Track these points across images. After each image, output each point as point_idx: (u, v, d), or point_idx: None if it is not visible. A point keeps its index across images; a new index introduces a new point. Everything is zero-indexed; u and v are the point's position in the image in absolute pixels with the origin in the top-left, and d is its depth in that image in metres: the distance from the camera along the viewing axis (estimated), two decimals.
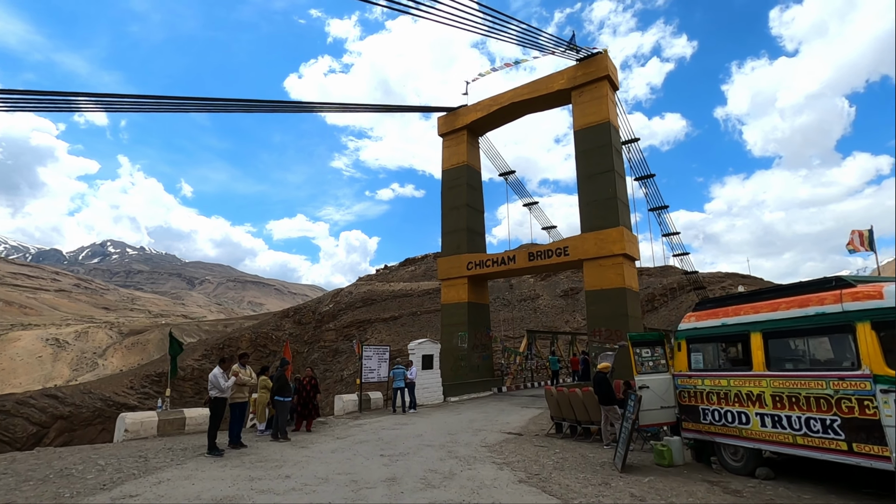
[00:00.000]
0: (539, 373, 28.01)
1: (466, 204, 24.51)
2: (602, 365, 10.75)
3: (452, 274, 23.94)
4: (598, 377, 10.60)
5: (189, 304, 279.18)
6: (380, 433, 12.24)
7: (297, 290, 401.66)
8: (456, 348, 22.88)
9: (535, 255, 21.51)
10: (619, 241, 19.17)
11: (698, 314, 8.55)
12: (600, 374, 10.62)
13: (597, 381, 10.59)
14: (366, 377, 16.95)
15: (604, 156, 20.41)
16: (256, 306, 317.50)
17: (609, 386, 10.36)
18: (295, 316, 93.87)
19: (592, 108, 21.09)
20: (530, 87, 23.20)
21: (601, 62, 21.16)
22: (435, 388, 19.66)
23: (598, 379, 10.57)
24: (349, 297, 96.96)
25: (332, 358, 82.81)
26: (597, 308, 19.36)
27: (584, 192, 20.66)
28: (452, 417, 15.35)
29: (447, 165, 25.67)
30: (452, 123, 25.71)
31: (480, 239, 25.25)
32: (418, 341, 19.39)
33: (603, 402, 10.44)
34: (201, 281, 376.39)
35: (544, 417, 15.48)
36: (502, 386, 23.93)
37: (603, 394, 10.38)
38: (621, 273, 19.10)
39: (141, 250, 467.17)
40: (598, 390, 10.54)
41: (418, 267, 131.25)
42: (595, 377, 10.74)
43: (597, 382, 10.58)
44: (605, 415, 10.55)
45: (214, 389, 8.92)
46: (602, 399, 10.44)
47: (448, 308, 23.98)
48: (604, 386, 10.41)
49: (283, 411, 10.80)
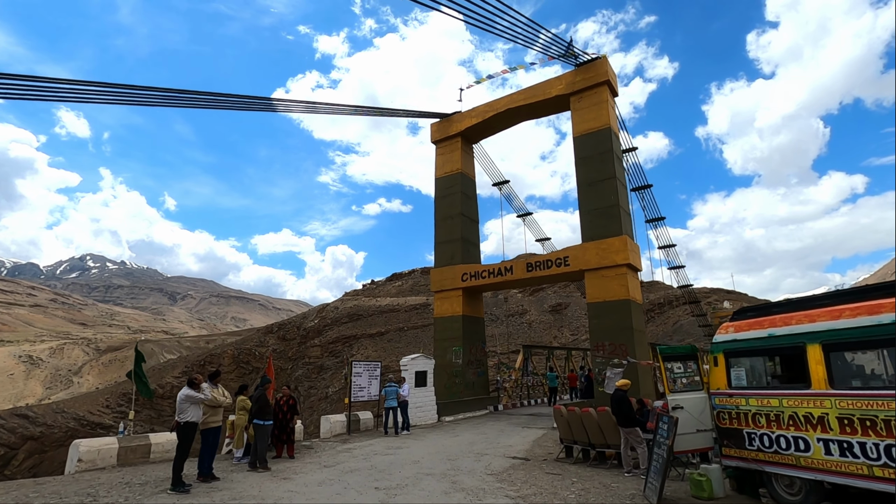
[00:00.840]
0: (535, 390, 26.85)
1: (461, 213, 23.52)
2: (621, 382, 9.69)
3: (446, 286, 22.82)
4: (618, 395, 9.53)
5: (170, 319, 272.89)
6: (372, 459, 10.99)
7: (281, 305, 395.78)
8: (450, 364, 21.67)
9: (533, 266, 20.52)
10: (622, 250, 18.30)
11: (738, 324, 7.56)
12: (620, 393, 9.56)
13: (616, 399, 9.52)
14: (355, 396, 15.67)
15: (605, 162, 19.64)
16: (240, 322, 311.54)
17: (630, 405, 9.30)
18: (279, 332, 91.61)
19: (592, 114, 20.39)
20: (527, 92, 22.48)
21: (601, 67, 20.54)
22: (429, 407, 18.40)
23: (618, 397, 9.50)
24: (335, 312, 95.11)
25: (316, 374, 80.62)
26: (600, 321, 18.37)
27: (585, 199, 19.82)
28: (450, 440, 14.12)
29: (440, 173, 24.73)
30: (446, 130, 24.85)
31: (475, 249, 24.24)
32: (411, 356, 18.18)
33: (623, 424, 9.36)
34: (184, 296, 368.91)
35: (548, 439, 14.34)
36: (498, 404, 22.71)
37: (623, 414, 9.31)
38: (625, 284, 18.18)
39: (122, 265, 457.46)
40: (617, 410, 9.47)
41: (405, 282, 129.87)
42: (614, 395, 9.67)
43: (616, 401, 9.50)
44: (625, 438, 9.46)
45: (185, 413, 7.66)
46: (622, 420, 9.37)
47: (441, 322, 22.81)
48: (624, 405, 9.34)
49: (264, 436, 9.52)
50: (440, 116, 25.08)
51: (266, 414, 9.49)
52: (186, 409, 7.62)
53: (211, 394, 8.02)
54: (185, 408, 7.61)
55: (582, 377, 24.48)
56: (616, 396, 9.51)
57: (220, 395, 8.35)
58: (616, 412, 9.44)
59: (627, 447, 9.46)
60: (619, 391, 9.48)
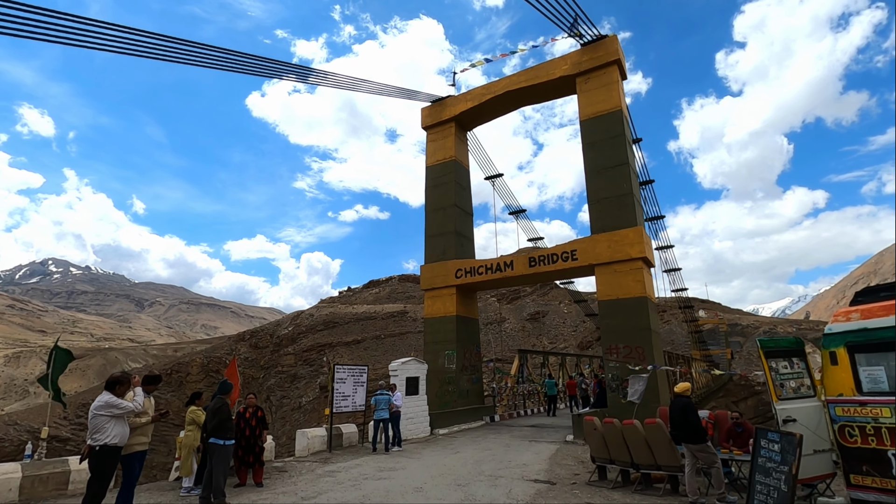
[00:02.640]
0: (531, 398, 24.81)
1: (454, 203, 21.44)
2: (682, 386, 7.66)
3: (438, 283, 20.65)
4: (682, 403, 7.51)
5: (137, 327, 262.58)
6: (363, 486, 8.72)
7: (254, 312, 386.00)
8: (442, 370, 19.46)
9: (536, 261, 18.55)
10: (637, 242, 16.50)
11: (867, 308, 5.65)
12: (683, 400, 7.55)
13: (680, 408, 7.50)
14: (338, 406, 13.33)
15: (616, 147, 17.89)
16: (211, 329, 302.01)
17: (698, 416, 7.29)
18: (251, 339, 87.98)
19: (601, 96, 18.66)
20: (528, 73, 20.66)
21: (610, 45, 18.88)
22: (420, 419, 16.15)
23: (682, 405, 7.48)
24: (310, 319, 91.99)
25: (289, 384, 77.23)
26: (612, 321, 16.47)
27: (594, 188, 18.00)
28: (451, 458, 11.91)
29: (432, 161, 22.64)
30: (439, 114, 22.81)
31: (469, 244, 22.16)
32: (402, 360, 15.93)
33: (690, 439, 7.36)
34: (151, 303, 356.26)
35: (566, 455, 12.27)
36: (494, 414, 20.57)
37: (691, 426, 7.30)
38: (641, 280, 16.36)
39: (86, 270, 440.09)
40: (681, 421, 7.44)
41: (382, 289, 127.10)
42: (677, 403, 7.64)
43: (680, 410, 7.48)
44: (691, 457, 7.45)
45: (103, 431, 5.32)
46: (688, 434, 7.36)
47: (432, 323, 20.59)
48: (691, 415, 7.34)
49: (223, 460, 7.17)
50: (435, 101, 23.06)
51: (226, 431, 7.15)
52: (105, 426, 5.28)
53: (144, 404, 5.70)
54: (102, 423, 5.27)
55: (581, 384, 22.56)
56: (679, 404, 7.49)
57: (151, 407, 6.02)
58: (680, 424, 7.43)
59: (694, 470, 7.47)
60: (683, 398, 7.48)
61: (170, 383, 75.97)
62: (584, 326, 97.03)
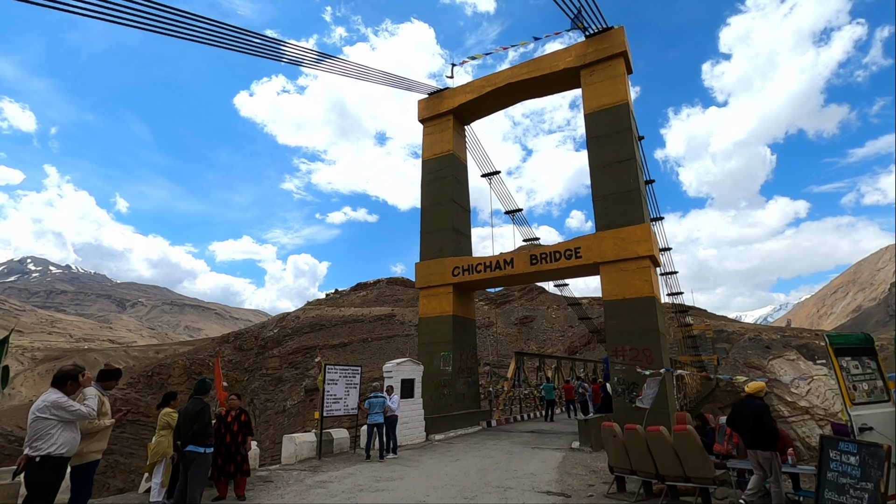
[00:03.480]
0: (527, 402, 23.96)
1: (452, 199, 20.57)
2: (755, 385, 6.77)
3: (434, 281, 19.73)
4: (757, 406, 6.50)
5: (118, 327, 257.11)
6: (359, 499, 7.78)
7: (239, 314, 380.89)
8: (437, 372, 18.52)
9: (538, 259, 17.75)
10: (644, 240, 15.79)
11: None
12: (758, 402, 6.61)
13: (754, 411, 6.43)
14: (328, 409, 12.33)
15: (622, 142, 17.20)
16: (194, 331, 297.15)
17: (774, 420, 6.40)
18: (236, 341, 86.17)
19: (607, 89, 17.98)
20: (531, 65, 19.92)
21: (616, 37, 18.23)
22: (416, 424, 15.20)
23: (757, 408, 6.47)
24: (296, 321, 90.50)
25: (274, 387, 75.70)
26: (619, 322, 15.71)
27: (599, 184, 17.27)
28: (451, 467, 10.99)
29: (428, 155, 21.76)
30: (436, 107, 21.97)
31: (467, 241, 21.29)
32: (397, 361, 14.98)
33: (762, 446, 6.42)
34: (133, 303, 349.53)
35: (575, 464, 11.42)
36: (490, 419, 19.67)
37: (766, 431, 6.33)
38: (648, 279, 15.64)
39: (66, 269, 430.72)
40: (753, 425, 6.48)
41: (370, 292, 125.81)
42: (750, 405, 6.61)
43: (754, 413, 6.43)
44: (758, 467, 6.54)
45: (47, 438, 4.32)
46: (761, 439, 6.40)
47: (428, 323, 19.65)
48: (766, 418, 6.38)
49: (201, 471, 6.18)
50: (432, 93, 22.22)
51: (205, 437, 6.16)
52: (49, 432, 4.29)
53: (98, 405, 4.71)
54: (45, 429, 4.27)
55: (578, 388, 21.78)
56: (754, 406, 6.53)
57: (107, 407, 5.02)
58: (751, 428, 6.51)
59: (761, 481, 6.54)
60: (755, 399, 6.57)
61: (151, 385, 73.86)
62: (573, 331, 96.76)
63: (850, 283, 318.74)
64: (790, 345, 79.61)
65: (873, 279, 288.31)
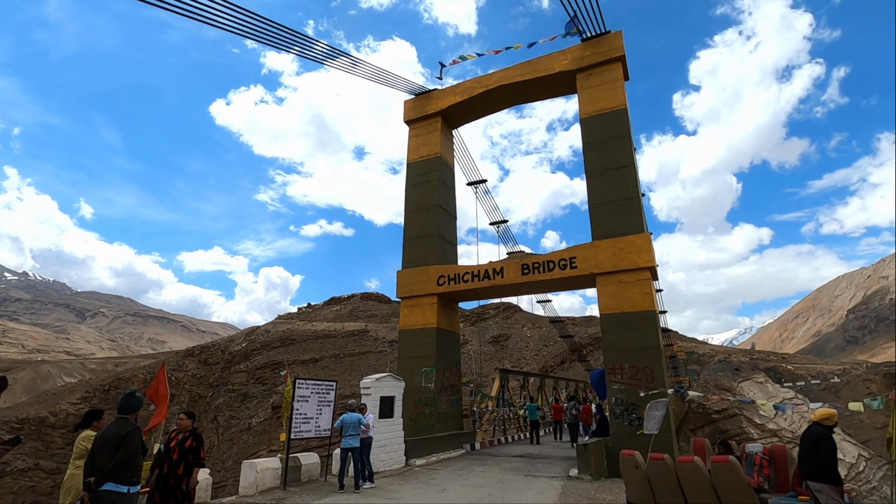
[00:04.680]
0: (511, 423, 22.58)
1: (438, 204, 19.33)
2: (822, 412, 5.66)
3: (417, 291, 18.34)
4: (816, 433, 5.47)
5: (76, 338, 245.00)
6: None
7: (206, 327, 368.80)
8: (418, 389, 17.02)
9: (530, 269, 16.60)
10: (645, 250, 14.83)
11: None
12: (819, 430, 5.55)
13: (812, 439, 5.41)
14: (298, 430, 10.73)
15: (621, 148, 16.36)
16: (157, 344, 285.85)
17: (833, 451, 5.29)
18: (201, 355, 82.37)
19: (605, 93, 17.20)
20: (525, 67, 19.05)
21: (614, 41, 17.54)
22: (394, 447, 13.66)
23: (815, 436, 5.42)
24: (265, 335, 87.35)
25: (239, 403, 72.31)
26: (617, 337, 14.60)
27: (596, 191, 16.34)
28: (438, 498, 9.54)
29: (414, 157, 20.55)
30: (423, 108, 20.85)
31: (453, 250, 20.02)
32: (376, 376, 13.48)
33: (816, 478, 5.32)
34: (94, 313, 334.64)
35: (577, 494, 10.09)
36: (474, 441, 18.21)
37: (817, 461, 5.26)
38: (649, 292, 14.64)
39: (22, 276, 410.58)
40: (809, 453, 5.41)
41: (344, 307, 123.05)
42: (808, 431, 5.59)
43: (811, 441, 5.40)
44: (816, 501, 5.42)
45: None
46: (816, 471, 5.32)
47: (409, 336, 18.18)
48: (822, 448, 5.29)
49: None
50: (420, 94, 21.13)
51: (129, 472, 4.60)
52: None
53: None
54: None
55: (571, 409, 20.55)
56: (813, 434, 5.46)
57: None
58: (806, 457, 5.40)
59: None
60: (819, 426, 5.49)
61: (108, 400, 69.43)
62: (548, 350, 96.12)
63: (810, 308, 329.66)
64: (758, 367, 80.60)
65: (831, 305, 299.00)
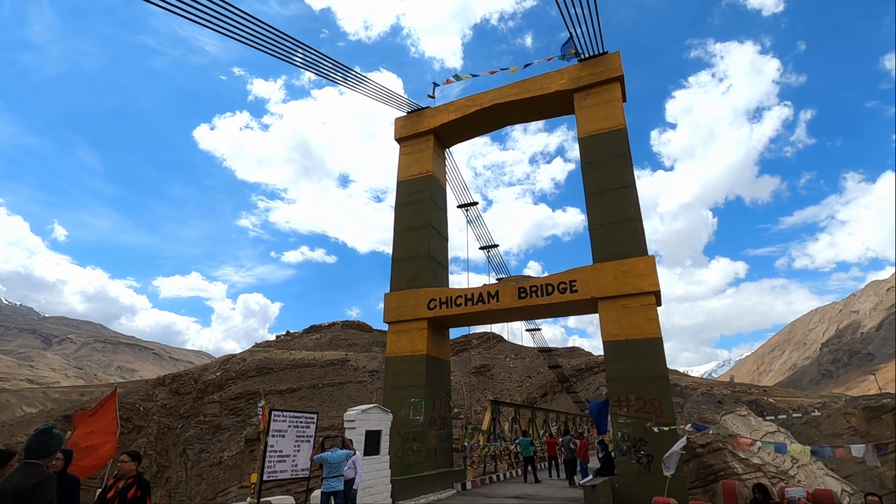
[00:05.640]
0: (502, 459, 21.18)
1: (429, 224, 18.44)
2: None
3: (406, 315, 17.21)
4: None
5: (40, 366, 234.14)
6: None
7: (180, 355, 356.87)
8: (406, 422, 15.69)
9: (527, 292, 15.68)
10: (649, 274, 14.07)
11: None
12: None
13: None
14: (272, 470, 9.39)
15: (621, 168, 15.81)
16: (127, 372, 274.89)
17: None
18: (172, 384, 78.74)
19: (603, 113, 16.78)
20: (520, 86, 18.62)
21: (612, 61, 17.24)
22: (380, 487, 12.29)
23: None
24: (241, 364, 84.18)
25: (211, 436, 68.74)
26: (621, 366, 13.65)
27: (596, 212, 15.67)
28: None
29: (405, 175, 19.74)
30: (415, 126, 20.20)
31: (444, 272, 19.04)
32: (361, 408, 12.21)
33: None
34: (61, 340, 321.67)
35: None
36: (465, 480, 16.81)
37: None
38: (654, 318, 13.81)
39: None
40: None
41: (324, 335, 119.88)
42: None
43: None
44: None
45: None
46: None
47: (396, 363, 16.93)
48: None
49: None
50: (412, 111, 20.50)
51: None
52: None
53: None
54: None
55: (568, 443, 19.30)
56: None
57: None
58: None
59: None
60: None
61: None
62: (531, 381, 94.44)
63: (785, 341, 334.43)
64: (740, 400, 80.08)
65: (806, 339, 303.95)
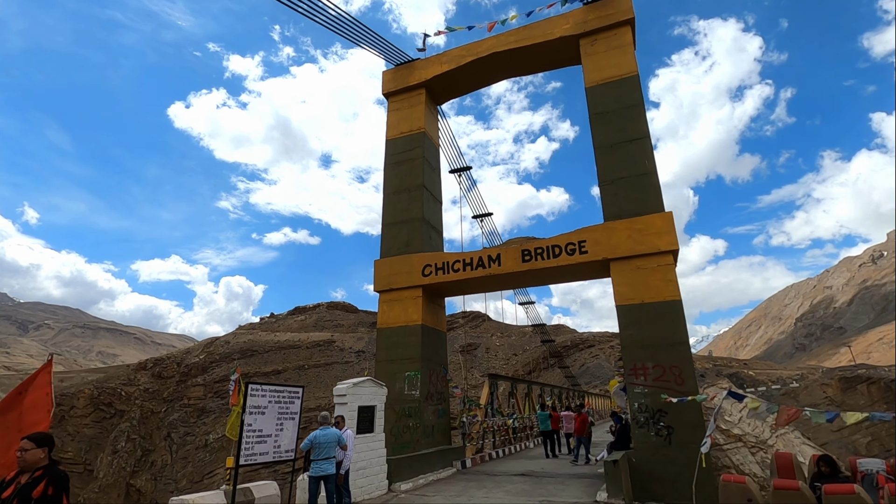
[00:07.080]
0: (500, 434, 20.14)
1: (423, 185, 16.91)
2: None
3: (398, 283, 15.79)
4: None
5: (16, 352, 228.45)
6: None
7: (162, 339, 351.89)
8: (400, 397, 14.42)
9: (531, 255, 14.35)
10: (666, 231, 12.82)
11: None
12: None
13: None
14: (250, 453, 8.00)
15: (633, 118, 14.40)
16: (108, 357, 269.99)
17: None
18: (154, 368, 76.69)
19: (613, 59, 15.28)
20: (521, 33, 16.97)
21: (622, 3, 15.66)
22: (375, 468, 11.04)
23: None
24: (225, 347, 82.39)
25: (195, 419, 67.30)
26: (637, 332, 12.47)
27: (607, 166, 14.28)
28: None
29: (394, 133, 18.08)
30: (405, 79, 18.46)
31: (438, 238, 17.58)
32: (353, 381, 10.86)
33: None
34: (38, 326, 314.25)
35: None
36: (465, 458, 15.68)
37: None
38: (672, 279, 12.60)
39: None
40: None
41: (308, 316, 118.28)
42: None
43: None
44: None
45: None
46: None
47: (388, 335, 15.55)
48: None
49: None
50: (402, 62, 18.74)
51: None
52: None
53: None
54: None
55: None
56: None
57: None
58: None
59: None
60: None
61: None
62: (517, 359, 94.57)
63: (762, 317, 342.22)
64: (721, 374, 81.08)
65: (781, 314, 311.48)
